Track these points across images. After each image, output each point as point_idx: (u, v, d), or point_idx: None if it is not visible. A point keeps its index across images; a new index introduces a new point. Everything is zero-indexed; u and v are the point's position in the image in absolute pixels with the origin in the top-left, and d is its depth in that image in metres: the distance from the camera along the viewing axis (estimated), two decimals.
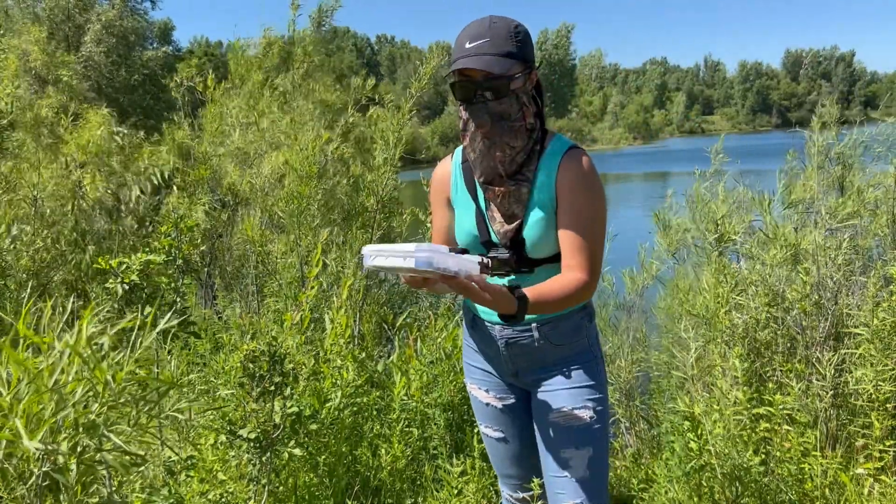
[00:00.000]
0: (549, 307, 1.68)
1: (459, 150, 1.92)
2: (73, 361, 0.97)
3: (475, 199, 1.84)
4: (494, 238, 1.81)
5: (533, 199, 1.75)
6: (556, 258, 1.79)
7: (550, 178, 1.74)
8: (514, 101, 1.70)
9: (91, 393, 0.95)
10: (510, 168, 1.74)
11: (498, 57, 1.64)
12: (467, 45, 1.66)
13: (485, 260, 1.52)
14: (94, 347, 0.99)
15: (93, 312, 1.02)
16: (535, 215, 1.75)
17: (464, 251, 1.60)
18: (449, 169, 1.92)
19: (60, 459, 0.92)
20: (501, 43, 1.66)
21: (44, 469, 0.96)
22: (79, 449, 0.95)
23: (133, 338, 1.07)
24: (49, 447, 0.93)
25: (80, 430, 0.95)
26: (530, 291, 1.61)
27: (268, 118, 5.03)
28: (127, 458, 0.99)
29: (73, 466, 0.93)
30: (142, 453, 1.00)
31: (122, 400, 0.98)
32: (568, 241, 1.72)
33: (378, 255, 1.52)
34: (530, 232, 1.76)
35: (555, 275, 1.76)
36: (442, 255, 1.45)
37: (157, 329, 1.07)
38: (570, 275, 1.70)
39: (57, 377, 0.94)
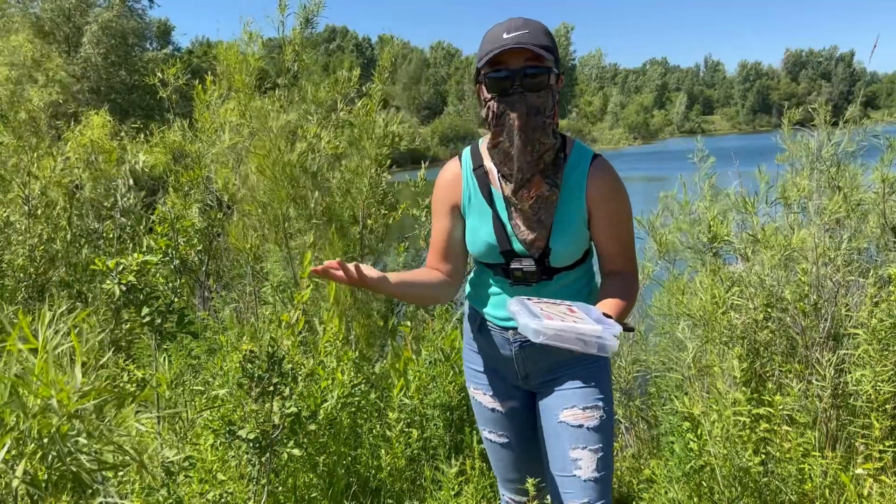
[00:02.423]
0: (625, 315, 1.73)
1: (467, 154, 1.84)
2: (35, 369, 0.95)
3: (492, 206, 1.77)
4: (517, 247, 1.76)
5: (561, 209, 1.72)
6: (573, 266, 1.79)
7: (580, 188, 1.71)
8: (549, 97, 1.66)
9: (51, 403, 0.93)
10: (537, 162, 1.68)
11: (539, 47, 1.62)
12: (505, 36, 1.62)
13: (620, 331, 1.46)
14: (52, 358, 0.97)
15: (46, 318, 1.00)
16: (566, 225, 1.73)
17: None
18: (458, 174, 1.84)
19: (17, 478, 0.90)
20: (540, 37, 1.64)
21: (12, 479, 0.94)
22: (48, 460, 0.93)
23: (121, 339, 1.06)
24: (5, 461, 0.91)
25: (44, 440, 0.93)
26: (612, 309, 1.62)
27: (257, 121, 4.99)
28: (99, 463, 0.97)
29: (45, 476, 0.92)
30: (110, 461, 0.98)
31: (81, 409, 0.95)
32: (617, 248, 1.77)
33: (550, 337, 1.41)
34: (559, 243, 1.73)
35: (571, 281, 1.79)
36: (613, 339, 1.40)
37: (151, 323, 1.06)
38: (628, 279, 1.77)
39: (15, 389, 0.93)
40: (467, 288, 2.01)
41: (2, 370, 0.97)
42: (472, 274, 1.99)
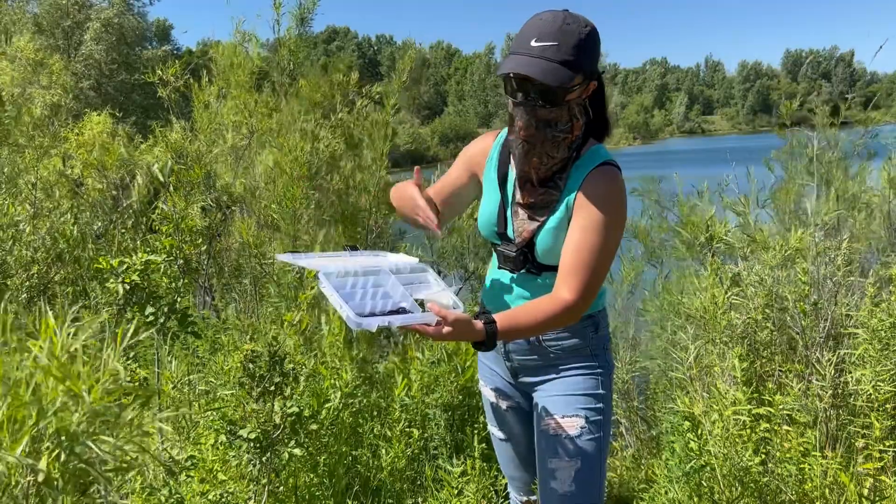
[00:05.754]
0: (526, 332, 1.65)
1: (504, 132, 1.83)
2: (50, 369, 0.94)
3: (502, 189, 1.79)
4: (510, 233, 1.77)
5: (555, 207, 1.71)
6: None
7: (572, 190, 1.69)
8: (566, 112, 1.62)
9: (71, 402, 0.93)
10: (544, 175, 1.69)
11: (559, 66, 1.55)
12: (532, 44, 1.56)
13: (436, 318, 1.50)
14: (68, 357, 0.97)
15: (63, 317, 1.01)
16: (550, 224, 1.71)
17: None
18: (488, 147, 1.85)
19: (42, 471, 0.91)
20: (567, 51, 1.55)
21: (28, 479, 0.94)
22: (62, 458, 0.93)
23: (119, 339, 1.06)
24: (24, 460, 0.91)
25: (63, 439, 0.92)
26: (503, 317, 1.58)
27: (258, 118, 4.99)
28: (116, 464, 0.97)
29: (58, 475, 0.92)
30: (128, 459, 0.98)
31: (102, 408, 0.95)
32: (568, 258, 1.65)
33: (327, 286, 1.52)
34: (541, 239, 1.72)
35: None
36: (371, 318, 1.46)
37: (130, 330, 1.06)
38: (554, 297, 1.64)
39: (36, 384, 0.92)
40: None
41: (18, 368, 0.97)
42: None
